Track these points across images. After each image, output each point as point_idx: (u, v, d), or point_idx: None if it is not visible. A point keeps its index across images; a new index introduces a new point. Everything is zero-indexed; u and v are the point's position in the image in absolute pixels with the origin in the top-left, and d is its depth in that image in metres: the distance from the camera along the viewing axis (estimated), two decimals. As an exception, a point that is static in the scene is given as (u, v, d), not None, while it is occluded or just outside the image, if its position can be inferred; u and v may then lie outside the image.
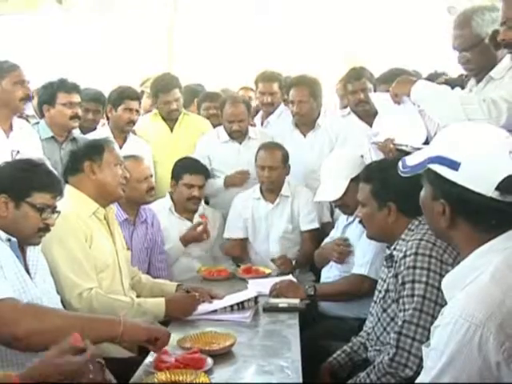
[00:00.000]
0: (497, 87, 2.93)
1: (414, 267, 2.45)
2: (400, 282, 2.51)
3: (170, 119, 5.06)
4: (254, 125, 5.31)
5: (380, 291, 2.78)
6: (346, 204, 3.57)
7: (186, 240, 4.25)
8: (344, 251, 3.59)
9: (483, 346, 1.42)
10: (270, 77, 5.31)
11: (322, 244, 3.86)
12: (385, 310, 2.68)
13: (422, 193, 1.71)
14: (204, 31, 8.80)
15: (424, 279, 2.43)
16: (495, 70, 2.98)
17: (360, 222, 2.97)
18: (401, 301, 2.49)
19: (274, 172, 4.30)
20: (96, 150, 3.17)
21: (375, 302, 2.82)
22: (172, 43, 8.76)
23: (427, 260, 2.45)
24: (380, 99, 3.47)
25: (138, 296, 3.24)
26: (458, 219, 1.60)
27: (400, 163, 1.75)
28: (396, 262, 2.57)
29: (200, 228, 4.23)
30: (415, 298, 2.42)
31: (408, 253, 2.50)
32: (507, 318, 1.43)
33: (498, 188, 1.51)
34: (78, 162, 3.16)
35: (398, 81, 3.16)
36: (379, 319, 2.71)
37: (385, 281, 2.75)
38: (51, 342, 2.20)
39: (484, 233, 1.57)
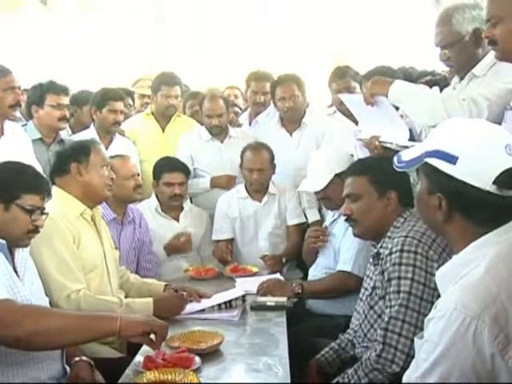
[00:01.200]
0: (480, 84, 2.96)
1: (400, 264, 2.47)
2: (386, 278, 2.53)
3: (164, 117, 5.08)
4: (240, 125, 5.32)
5: (366, 289, 2.80)
6: (327, 197, 3.62)
7: (169, 250, 4.28)
8: (318, 237, 3.64)
9: (478, 338, 1.43)
10: (263, 76, 5.28)
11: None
12: (371, 307, 2.70)
13: (418, 187, 1.72)
14: (190, 32, 8.78)
15: (410, 275, 2.45)
16: (478, 67, 3.00)
17: (346, 219, 2.95)
18: (387, 297, 2.52)
19: (263, 174, 4.34)
20: (82, 151, 3.18)
21: (361, 300, 2.84)
22: (157, 44, 8.73)
23: (413, 256, 2.47)
24: (351, 100, 3.48)
25: (126, 296, 3.25)
26: (454, 213, 1.61)
27: (395, 158, 1.76)
28: (382, 259, 2.60)
29: (183, 239, 4.26)
30: (401, 295, 2.44)
31: (394, 249, 2.52)
32: (501, 310, 1.45)
33: (495, 182, 1.53)
34: (64, 163, 3.16)
35: (373, 81, 3.13)
36: (366, 316, 2.73)
37: (371, 278, 2.77)
38: (52, 341, 2.24)
39: (479, 227, 1.58)
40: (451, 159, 1.57)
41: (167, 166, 4.35)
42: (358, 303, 2.87)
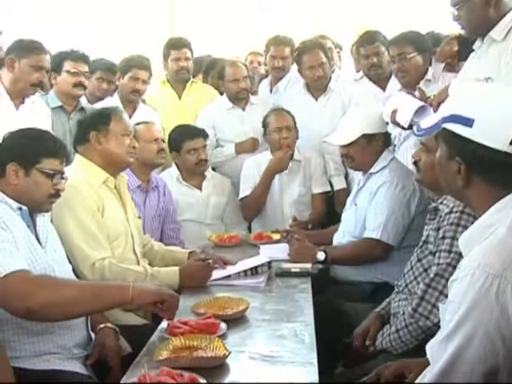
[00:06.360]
0: (501, 52, 2.91)
1: (458, 224, 2.44)
2: (440, 236, 2.50)
3: (179, 83, 5.06)
4: (255, 92, 5.28)
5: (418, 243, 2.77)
6: (350, 155, 3.58)
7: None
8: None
9: (501, 296, 1.43)
10: (282, 41, 5.21)
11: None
12: (419, 260, 2.66)
13: (437, 154, 1.72)
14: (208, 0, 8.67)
15: None
16: (496, 30, 2.95)
17: (414, 163, 2.83)
18: (437, 255, 2.49)
19: (291, 132, 4.34)
20: (102, 119, 3.15)
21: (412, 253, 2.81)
22: (174, 13, 8.64)
23: (472, 220, 2.41)
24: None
25: (149, 264, 3.25)
26: (473, 177, 1.60)
27: (415, 127, 1.81)
28: (440, 216, 2.56)
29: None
30: (452, 255, 2.41)
31: (454, 210, 2.48)
32: None
33: (511, 143, 1.52)
34: (84, 132, 3.15)
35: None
36: (412, 267, 2.70)
37: (422, 234, 2.73)
38: (65, 312, 2.24)
39: (499, 189, 1.58)
40: (467, 122, 1.57)
41: (186, 133, 4.33)
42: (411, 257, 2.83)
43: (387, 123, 3.64)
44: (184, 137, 4.29)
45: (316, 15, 8.19)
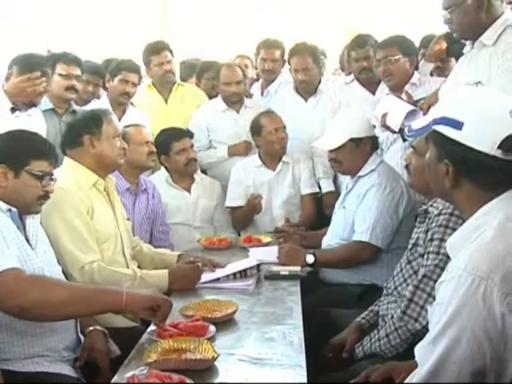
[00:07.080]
0: (491, 57, 2.92)
1: (446, 226, 2.45)
2: (429, 237, 2.51)
3: (165, 87, 5.05)
4: (250, 96, 5.29)
5: (408, 246, 2.77)
6: (337, 160, 3.58)
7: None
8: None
9: (487, 298, 1.44)
10: (272, 44, 5.25)
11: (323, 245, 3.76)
12: (409, 262, 2.67)
13: (427, 155, 1.74)
14: (200, 3, 8.69)
15: None
16: (486, 34, 2.96)
17: (406, 166, 2.84)
18: (425, 256, 2.50)
19: (285, 133, 4.39)
20: (95, 122, 3.14)
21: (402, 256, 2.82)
22: (166, 16, 8.65)
23: (460, 222, 2.41)
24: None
25: (139, 266, 3.25)
26: (461, 179, 1.62)
27: (406, 129, 1.82)
28: (430, 218, 2.57)
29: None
30: (440, 256, 2.42)
31: (443, 212, 2.49)
32: (510, 270, 1.45)
33: (500, 147, 1.53)
34: (76, 135, 3.12)
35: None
36: (401, 270, 2.71)
37: (412, 237, 2.73)
38: (56, 312, 2.24)
39: (487, 192, 1.59)
40: (457, 125, 1.59)
41: (173, 135, 4.34)
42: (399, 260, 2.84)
43: (374, 126, 3.66)
44: (171, 139, 4.29)
45: (305, 19, 8.23)
